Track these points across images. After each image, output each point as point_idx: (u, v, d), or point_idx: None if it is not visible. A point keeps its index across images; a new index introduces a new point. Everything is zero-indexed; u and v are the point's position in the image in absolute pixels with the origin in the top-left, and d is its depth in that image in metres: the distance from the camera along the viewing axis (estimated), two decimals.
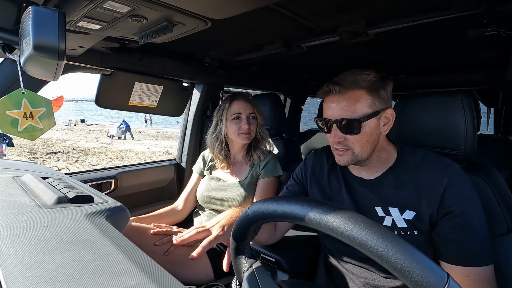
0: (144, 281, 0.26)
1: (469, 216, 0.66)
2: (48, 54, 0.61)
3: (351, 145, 0.76)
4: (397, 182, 0.76)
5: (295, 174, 1.03)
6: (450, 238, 0.68)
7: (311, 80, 2.44)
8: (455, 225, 0.67)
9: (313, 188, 0.94)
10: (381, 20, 0.97)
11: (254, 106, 1.32)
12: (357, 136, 0.74)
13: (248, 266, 0.58)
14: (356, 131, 0.73)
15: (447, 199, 0.68)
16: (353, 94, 0.73)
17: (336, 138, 0.76)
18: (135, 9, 0.70)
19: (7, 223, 0.37)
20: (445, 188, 0.69)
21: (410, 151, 0.79)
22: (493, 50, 1.33)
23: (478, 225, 0.66)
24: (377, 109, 0.74)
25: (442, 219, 0.69)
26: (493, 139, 2.00)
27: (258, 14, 0.88)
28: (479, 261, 0.65)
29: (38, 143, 13.16)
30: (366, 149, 0.76)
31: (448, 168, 0.71)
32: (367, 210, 0.79)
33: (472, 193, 0.69)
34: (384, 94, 0.75)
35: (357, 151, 0.76)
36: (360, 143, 0.75)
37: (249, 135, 1.29)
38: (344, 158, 0.78)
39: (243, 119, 1.27)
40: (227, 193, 1.29)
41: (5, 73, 1.03)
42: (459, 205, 0.67)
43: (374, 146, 0.77)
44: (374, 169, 0.81)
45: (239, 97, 1.31)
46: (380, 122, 0.76)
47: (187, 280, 1.11)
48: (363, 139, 0.75)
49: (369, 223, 0.38)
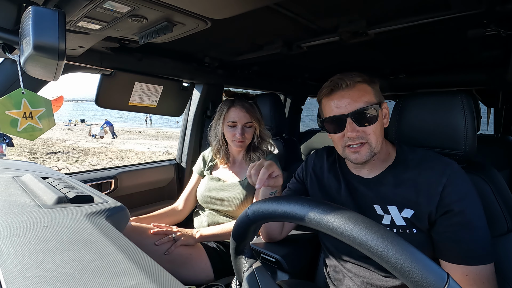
0: (144, 281, 0.26)
1: (468, 214, 0.66)
2: (48, 54, 0.61)
3: (368, 138, 0.75)
4: (396, 180, 0.76)
5: (296, 173, 1.04)
6: (450, 236, 0.68)
7: (311, 80, 2.44)
8: (455, 223, 0.67)
9: (313, 187, 0.94)
10: (381, 20, 0.97)
11: (252, 114, 1.27)
12: (373, 126, 0.75)
13: (248, 266, 0.58)
14: (374, 120, 0.75)
15: (446, 197, 0.68)
16: (361, 86, 0.76)
17: (354, 132, 0.74)
18: (135, 9, 0.70)
19: (7, 223, 0.37)
20: (444, 186, 0.69)
21: (409, 150, 0.80)
22: (493, 50, 1.33)
23: (478, 223, 0.66)
24: (379, 101, 0.78)
25: (441, 217, 0.69)
26: (493, 139, 2.00)
27: (258, 14, 0.88)
28: (479, 260, 0.64)
29: (38, 143, 13.16)
30: (380, 140, 0.78)
31: (447, 166, 0.71)
32: (366, 208, 0.79)
33: (471, 192, 0.69)
34: (378, 89, 0.80)
35: (374, 143, 0.75)
36: (375, 134, 0.76)
37: (242, 143, 1.28)
38: (362, 154, 0.76)
39: (238, 127, 1.26)
40: (227, 193, 1.29)
41: (5, 73, 1.03)
42: (458, 203, 0.67)
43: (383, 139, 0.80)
44: (374, 167, 0.81)
45: (237, 104, 1.27)
46: (382, 114, 0.79)
47: (187, 280, 1.11)
48: (377, 129, 0.76)
49: (369, 223, 0.38)
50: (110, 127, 16.61)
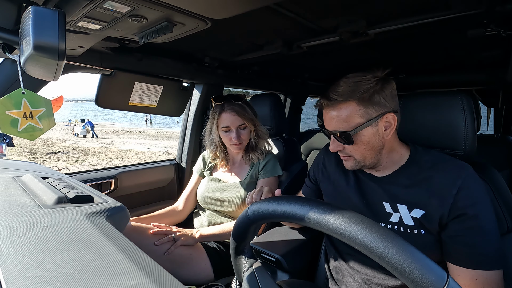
0: (144, 281, 0.26)
1: (482, 219, 0.65)
2: (48, 54, 0.61)
3: (350, 153, 0.78)
4: (409, 180, 0.75)
5: (308, 173, 1.06)
6: (462, 240, 0.66)
7: (311, 80, 2.43)
8: (468, 227, 0.66)
9: (324, 182, 0.95)
10: (381, 20, 0.97)
11: (244, 115, 1.26)
12: (353, 145, 0.76)
13: (248, 266, 0.58)
14: (350, 142, 0.75)
15: (460, 201, 0.67)
16: (343, 106, 0.74)
17: (335, 147, 0.79)
18: (135, 9, 0.70)
19: (7, 223, 0.37)
20: (458, 189, 0.68)
21: (423, 151, 0.79)
22: (493, 50, 1.33)
23: (490, 228, 0.65)
24: (371, 117, 0.73)
25: (453, 221, 0.68)
26: (493, 139, 1.99)
27: (258, 14, 0.88)
28: (489, 265, 0.64)
29: (38, 143, 13.15)
30: (368, 156, 0.77)
31: (462, 170, 0.70)
32: (375, 204, 0.79)
33: (485, 196, 0.68)
34: (381, 98, 0.73)
35: (358, 158, 0.78)
36: (359, 151, 0.77)
37: (240, 145, 1.28)
38: (348, 164, 0.81)
39: (232, 131, 1.26)
40: (227, 194, 1.29)
41: (5, 73, 1.03)
42: (473, 207, 0.66)
43: (379, 151, 0.77)
44: (385, 168, 0.81)
45: (226, 108, 1.26)
46: (379, 128, 0.75)
47: (187, 280, 1.11)
48: (360, 148, 0.76)
49: (369, 223, 0.38)
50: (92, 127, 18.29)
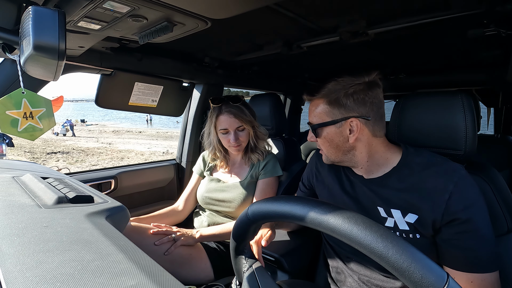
0: (144, 281, 0.26)
1: (475, 222, 0.65)
2: (48, 54, 0.61)
3: (320, 147, 0.85)
4: (401, 184, 0.74)
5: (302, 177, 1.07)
6: (455, 244, 0.66)
7: (311, 80, 2.43)
8: (461, 231, 0.65)
9: (319, 187, 0.96)
10: (381, 20, 0.97)
11: (241, 117, 1.25)
12: (319, 139, 0.82)
13: (248, 266, 0.58)
14: (316, 136, 0.82)
15: (452, 205, 0.66)
16: (314, 102, 0.81)
17: (310, 137, 0.85)
18: (135, 9, 0.70)
19: (7, 223, 0.37)
20: (450, 194, 0.66)
21: (415, 153, 0.77)
22: (493, 50, 1.33)
23: (485, 231, 0.65)
24: (336, 118, 0.77)
25: (447, 225, 0.67)
26: (493, 139, 2.00)
27: (258, 14, 0.88)
28: (484, 267, 0.64)
29: (38, 143, 13.15)
30: (332, 153, 0.82)
31: (454, 173, 0.69)
32: (370, 209, 0.79)
33: (478, 199, 0.67)
34: (348, 102, 0.74)
35: (325, 153, 0.84)
36: (324, 147, 0.83)
37: (239, 146, 1.28)
38: (323, 157, 0.87)
39: (231, 133, 1.26)
40: (227, 194, 1.29)
41: (5, 73, 1.03)
42: (465, 211, 0.65)
43: (347, 151, 0.80)
44: (370, 170, 0.80)
45: (224, 111, 1.25)
46: (343, 130, 0.77)
47: (187, 280, 1.11)
48: (324, 143, 0.82)
49: (369, 223, 0.38)
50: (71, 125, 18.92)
